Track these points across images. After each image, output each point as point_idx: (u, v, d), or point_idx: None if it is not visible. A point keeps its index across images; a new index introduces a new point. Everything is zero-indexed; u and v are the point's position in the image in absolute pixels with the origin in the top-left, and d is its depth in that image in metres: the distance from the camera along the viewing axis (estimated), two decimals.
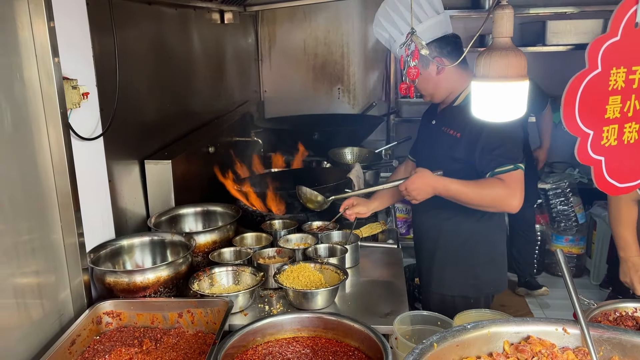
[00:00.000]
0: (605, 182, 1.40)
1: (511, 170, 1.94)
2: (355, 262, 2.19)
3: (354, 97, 4.76)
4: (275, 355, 1.56)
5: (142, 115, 2.38)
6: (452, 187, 1.99)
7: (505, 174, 1.94)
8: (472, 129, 1.99)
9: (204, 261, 2.12)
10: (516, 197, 1.92)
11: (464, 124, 2.02)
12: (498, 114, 1.33)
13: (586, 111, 1.34)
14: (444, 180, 2.00)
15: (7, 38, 1.45)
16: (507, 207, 1.95)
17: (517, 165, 1.94)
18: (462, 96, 2.09)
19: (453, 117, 2.11)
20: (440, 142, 2.15)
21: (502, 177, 1.94)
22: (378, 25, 2.13)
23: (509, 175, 1.93)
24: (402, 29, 2.03)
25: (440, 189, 2.01)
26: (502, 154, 1.95)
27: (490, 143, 1.96)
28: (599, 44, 1.30)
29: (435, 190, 2.01)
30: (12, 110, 1.45)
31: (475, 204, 1.99)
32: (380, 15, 2.11)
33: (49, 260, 1.62)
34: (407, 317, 1.64)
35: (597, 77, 1.32)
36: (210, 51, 3.38)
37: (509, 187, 1.92)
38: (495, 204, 1.97)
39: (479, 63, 1.30)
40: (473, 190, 1.96)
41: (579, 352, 1.31)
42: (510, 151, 1.95)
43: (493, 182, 1.95)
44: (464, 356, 1.30)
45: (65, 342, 1.53)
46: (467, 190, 1.97)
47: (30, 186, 1.55)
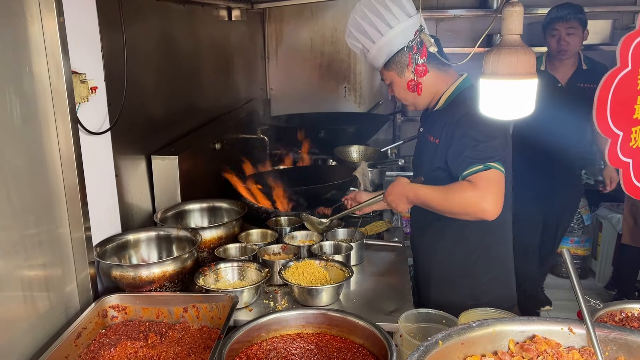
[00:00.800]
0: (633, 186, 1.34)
1: (481, 171, 1.75)
2: (360, 260, 2.19)
3: (360, 95, 4.76)
4: (279, 350, 1.56)
5: (149, 110, 2.39)
6: (421, 193, 1.89)
7: (474, 175, 1.76)
8: (447, 132, 1.88)
9: (209, 257, 2.12)
10: (487, 199, 1.73)
11: (442, 129, 1.91)
12: (506, 112, 1.33)
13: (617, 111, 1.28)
14: (414, 188, 1.92)
15: (17, 32, 1.46)
16: (479, 212, 1.75)
17: (488, 165, 1.75)
18: (442, 100, 1.97)
19: (434, 122, 1.99)
20: (424, 150, 2.05)
21: (471, 179, 1.77)
22: (350, 36, 2.02)
23: (479, 176, 1.75)
24: (373, 37, 1.92)
25: (411, 196, 1.93)
26: (472, 154, 1.78)
27: (461, 145, 1.82)
28: (630, 41, 1.25)
29: (408, 198, 1.93)
30: (21, 104, 1.46)
31: (446, 211, 1.85)
32: (351, 26, 2.00)
33: (56, 253, 1.63)
34: (412, 314, 1.64)
35: (627, 75, 1.27)
36: (218, 48, 3.38)
37: (479, 189, 1.74)
38: (467, 210, 1.78)
39: (488, 60, 1.30)
40: (441, 195, 1.83)
41: (585, 352, 1.30)
42: (482, 151, 1.78)
43: (461, 185, 1.79)
44: (468, 354, 1.30)
45: (71, 335, 1.54)
46: (435, 196, 1.85)
47: (38, 180, 1.55)
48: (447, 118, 1.90)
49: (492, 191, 1.74)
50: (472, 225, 1.92)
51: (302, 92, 4.74)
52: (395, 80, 1.97)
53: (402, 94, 2.00)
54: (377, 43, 1.89)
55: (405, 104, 2.07)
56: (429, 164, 1.98)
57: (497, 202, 1.75)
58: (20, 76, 1.46)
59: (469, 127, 1.79)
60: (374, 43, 1.92)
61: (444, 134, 1.90)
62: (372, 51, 1.94)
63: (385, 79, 2.01)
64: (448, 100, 1.94)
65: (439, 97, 1.98)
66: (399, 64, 1.91)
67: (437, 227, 2.04)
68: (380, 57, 1.93)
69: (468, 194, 1.76)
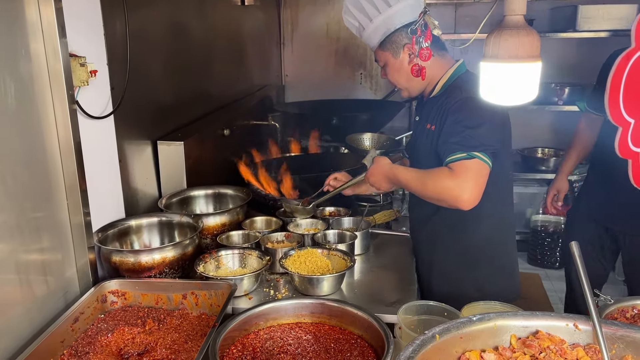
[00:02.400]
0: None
1: (463, 159, 1.71)
2: (365, 249, 2.15)
3: (376, 82, 4.69)
4: (276, 340, 1.53)
5: (157, 95, 2.37)
6: (400, 175, 1.89)
7: (455, 162, 1.73)
8: (442, 118, 1.83)
9: (212, 243, 2.11)
10: (465, 189, 1.69)
11: (437, 116, 1.86)
12: (507, 98, 1.26)
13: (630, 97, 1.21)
14: (395, 169, 1.92)
15: (12, 14, 1.44)
16: (455, 200, 1.72)
17: (471, 154, 1.71)
18: (439, 85, 1.91)
19: (430, 109, 1.93)
20: (421, 138, 1.97)
21: (451, 166, 1.74)
22: (347, 12, 1.98)
23: (460, 165, 1.71)
24: (370, 15, 1.87)
25: (391, 177, 1.93)
26: (458, 141, 1.74)
27: (450, 130, 1.78)
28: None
29: (389, 179, 1.95)
30: (16, 87, 1.44)
31: (423, 195, 1.84)
32: (349, 2, 1.96)
33: (55, 238, 1.63)
34: (412, 306, 1.60)
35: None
36: (230, 33, 3.35)
37: (457, 178, 1.70)
38: (442, 196, 1.76)
39: (488, 42, 1.23)
40: (419, 179, 1.81)
41: (590, 350, 1.25)
42: (468, 138, 1.73)
43: (440, 171, 1.76)
44: (467, 349, 1.26)
45: (68, 320, 1.53)
46: (413, 180, 1.84)
47: (35, 164, 1.54)
48: (443, 104, 1.85)
49: (471, 181, 1.70)
50: (472, 217, 1.88)
51: (318, 78, 4.69)
52: (390, 61, 1.91)
53: (395, 77, 1.95)
54: (374, 21, 1.84)
55: (400, 89, 2.02)
56: (426, 152, 1.92)
57: (474, 192, 1.71)
58: (15, 59, 1.44)
59: (460, 112, 1.74)
60: (371, 21, 1.87)
61: (438, 121, 1.86)
62: (368, 29, 1.90)
63: (380, 60, 1.96)
64: (444, 86, 1.88)
65: (435, 83, 1.92)
66: (395, 44, 1.86)
67: (437, 220, 2.00)
68: (375, 36, 1.88)
69: (446, 181, 1.74)
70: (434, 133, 1.87)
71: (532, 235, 4.52)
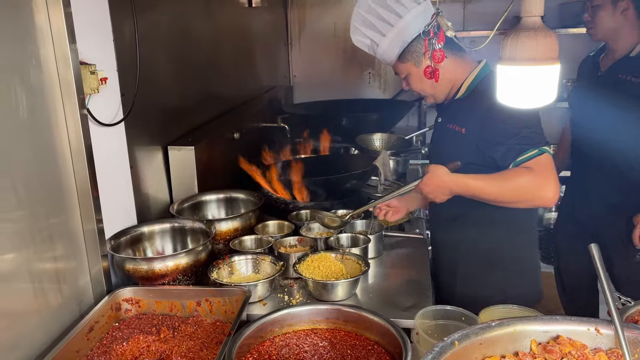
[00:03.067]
0: None
1: (537, 156, 1.67)
2: (378, 253, 2.13)
3: (385, 81, 4.66)
4: (292, 347, 1.52)
5: (166, 100, 2.37)
6: (472, 184, 1.74)
7: (531, 160, 1.68)
8: (477, 120, 1.78)
9: (225, 249, 2.10)
10: (550, 186, 1.65)
11: (467, 118, 1.82)
12: (526, 101, 1.24)
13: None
14: (461, 178, 1.76)
15: (22, 23, 1.43)
16: (540, 199, 1.68)
17: (542, 149, 1.68)
18: (464, 87, 1.88)
19: (457, 111, 1.90)
20: (446, 140, 1.94)
21: (528, 165, 1.68)
22: (355, 32, 1.92)
23: (536, 162, 1.67)
24: (383, 31, 1.82)
25: (457, 188, 1.77)
26: (521, 140, 1.70)
27: (501, 133, 1.73)
28: None
29: (452, 190, 1.78)
30: (27, 96, 1.44)
31: (503, 201, 1.74)
32: (356, 21, 1.90)
33: (67, 246, 1.62)
34: (429, 311, 1.58)
35: None
36: (237, 35, 3.33)
37: (540, 176, 1.65)
38: (526, 198, 1.69)
39: (505, 44, 1.21)
40: (497, 184, 1.71)
41: (612, 355, 1.23)
42: (530, 135, 1.70)
43: (519, 171, 1.69)
44: (487, 355, 1.24)
45: (83, 329, 1.53)
46: (490, 186, 1.72)
47: (47, 172, 1.54)
48: (472, 106, 1.82)
49: (551, 176, 1.67)
50: (499, 218, 1.87)
51: (326, 78, 4.66)
52: (413, 71, 1.86)
53: (420, 85, 1.89)
54: (388, 35, 1.78)
55: (423, 96, 1.96)
56: (453, 153, 1.88)
57: (556, 187, 1.67)
58: (26, 68, 1.44)
59: (504, 114, 1.67)
60: (384, 36, 1.81)
61: (471, 123, 1.82)
62: (382, 45, 1.84)
63: (401, 72, 1.90)
64: (470, 87, 1.84)
65: (459, 85, 1.88)
66: (415, 53, 1.82)
67: (464, 221, 1.96)
68: (393, 50, 1.82)
69: (528, 181, 1.67)
70: (464, 136, 1.83)
71: (545, 233, 4.48)
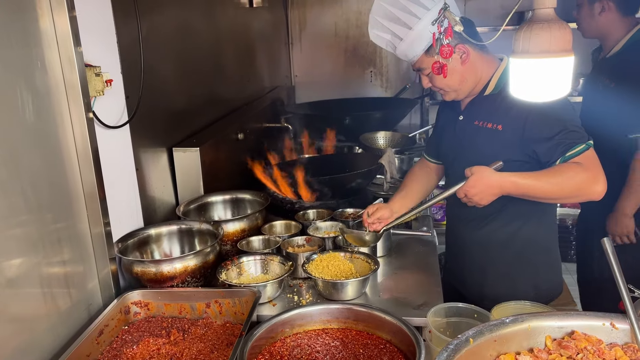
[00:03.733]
0: None
1: (584, 151, 1.66)
2: (387, 251, 2.12)
3: (386, 80, 4.65)
4: (303, 347, 1.51)
5: (170, 102, 2.36)
6: (522, 182, 1.68)
7: (579, 156, 1.66)
8: (517, 116, 1.74)
9: (233, 250, 2.09)
10: (600, 180, 1.64)
11: (503, 114, 1.78)
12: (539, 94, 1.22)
13: None
14: (510, 177, 1.69)
15: (27, 27, 1.43)
16: (591, 193, 1.65)
17: (588, 144, 1.67)
18: (492, 83, 1.84)
19: (488, 108, 1.85)
20: (476, 139, 1.87)
21: (577, 161, 1.66)
22: (376, 26, 1.83)
23: (585, 157, 1.65)
24: (409, 24, 1.75)
25: (508, 187, 1.70)
26: (568, 135, 1.68)
27: (548, 127, 1.70)
28: None
29: (502, 190, 1.71)
30: (33, 100, 1.43)
31: (554, 197, 1.72)
32: (377, 14, 1.82)
33: (76, 250, 1.61)
34: (441, 309, 1.57)
35: None
36: (239, 36, 3.33)
37: (590, 170, 1.63)
38: (578, 192, 1.66)
39: (518, 37, 1.19)
40: (549, 181, 1.67)
41: (628, 349, 1.22)
42: (574, 130, 1.68)
43: (570, 167, 1.65)
44: (502, 352, 1.23)
45: (93, 333, 1.52)
46: (542, 183, 1.67)
47: (54, 175, 1.53)
48: (507, 102, 1.76)
49: (600, 171, 1.65)
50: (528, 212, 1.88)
51: (328, 78, 4.66)
52: None
53: (447, 80, 1.82)
54: (415, 29, 1.72)
55: (445, 92, 1.89)
56: (488, 151, 1.82)
57: (605, 182, 1.66)
58: (31, 71, 1.43)
59: (548, 109, 1.65)
60: (411, 29, 1.74)
61: (509, 120, 1.77)
62: (407, 39, 1.77)
63: (426, 67, 1.83)
64: (500, 83, 1.82)
65: (486, 81, 1.85)
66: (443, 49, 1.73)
67: (497, 220, 1.93)
68: (420, 44, 1.76)
69: (581, 176, 1.64)
70: (501, 133, 1.79)
71: None
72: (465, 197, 1.75)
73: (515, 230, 1.91)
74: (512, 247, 1.93)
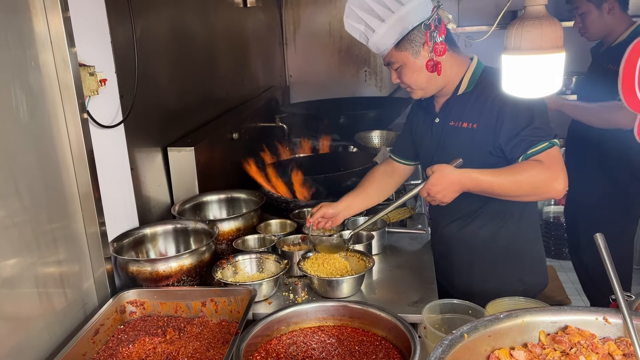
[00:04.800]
0: None
1: (547, 149, 1.66)
2: (382, 249, 2.13)
3: (381, 79, 4.66)
4: (299, 344, 1.52)
5: (164, 102, 2.36)
6: (483, 179, 1.69)
7: (541, 153, 1.66)
8: (490, 114, 1.75)
9: (228, 249, 2.09)
10: (560, 178, 1.64)
11: (478, 113, 1.79)
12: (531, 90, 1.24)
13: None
14: (470, 173, 1.70)
15: (21, 27, 1.42)
16: (550, 192, 1.67)
17: (552, 142, 1.67)
18: (465, 82, 1.83)
19: (462, 107, 1.85)
20: (453, 140, 1.87)
21: (538, 158, 1.66)
22: (350, 16, 1.84)
23: (547, 155, 1.66)
24: (382, 16, 1.76)
25: (468, 184, 1.71)
26: (532, 132, 1.68)
27: (514, 124, 1.70)
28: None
29: (462, 186, 1.71)
30: (27, 99, 1.43)
31: (513, 194, 1.71)
32: (353, 4, 1.83)
33: (71, 250, 1.61)
34: (436, 305, 1.58)
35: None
36: (233, 36, 3.33)
37: (550, 168, 1.64)
38: (537, 191, 1.67)
39: (510, 34, 1.20)
40: (508, 178, 1.68)
41: (621, 343, 1.23)
42: (540, 127, 1.68)
43: (530, 164, 1.66)
44: (496, 347, 1.24)
45: (89, 332, 1.52)
46: (501, 180, 1.68)
47: (49, 175, 1.53)
48: (481, 101, 1.78)
49: (562, 169, 1.66)
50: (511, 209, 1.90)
51: (322, 77, 4.67)
52: (409, 61, 1.79)
53: (414, 78, 1.82)
54: (388, 21, 1.73)
55: (412, 90, 1.88)
56: (466, 151, 1.81)
57: (565, 179, 1.66)
58: (25, 71, 1.43)
59: (515, 105, 1.67)
60: (384, 21, 1.75)
61: (483, 118, 1.78)
62: (379, 31, 1.77)
63: (395, 61, 1.83)
64: (471, 83, 1.82)
65: (458, 81, 1.84)
66: (414, 42, 1.76)
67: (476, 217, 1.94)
68: (390, 37, 1.76)
69: (541, 174, 1.65)
70: (475, 131, 1.79)
71: (544, 226, 4.49)
72: (428, 196, 1.75)
73: (499, 227, 1.93)
74: (497, 244, 1.95)
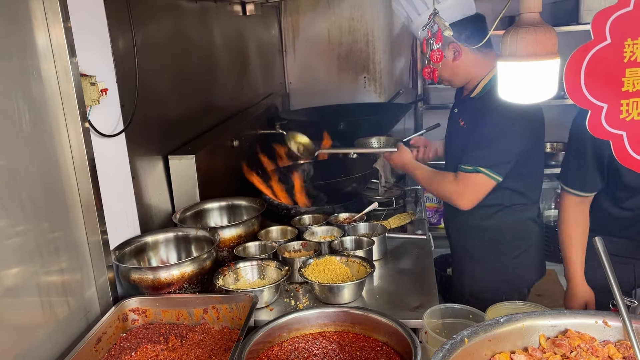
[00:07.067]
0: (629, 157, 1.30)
1: (469, 172, 1.94)
2: (383, 254, 2.14)
3: (380, 85, 4.68)
4: (301, 351, 1.52)
5: (165, 110, 2.37)
6: (416, 173, 2.20)
7: (464, 173, 1.96)
8: (478, 121, 1.94)
9: (229, 256, 2.10)
10: (465, 197, 1.98)
11: (473, 118, 1.97)
12: (526, 96, 1.25)
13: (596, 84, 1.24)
14: (412, 164, 2.22)
15: (23, 38, 1.44)
16: (456, 203, 2.02)
17: (477, 169, 1.93)
18: (480, 86, 1.99)
19: (467, 108, 2.04)
20: (456, 132, 2.14)
21: (458, 174, 1.98)
22: (396, 1, 2.05)
23: (465, 176, 1.96)
24: (419, 9, 1.92)
25: (409, 172, 2.27)
26: (476, 154, 1.94)
27: (474, 140, 1.95)
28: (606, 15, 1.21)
29: (406, 171, 2.30)
30: (30, 110, 1.44)
31: (429, 192, 2.17)
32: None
33: (73, 258, 1.62)
34: (437, 310, 1.58)
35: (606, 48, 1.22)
36: (233, 44, 3.35)
37: (459, 186, 1.97)
38: (444, 199, 2.09)
39: (505, 41, 1.22)
40: (428, 179, 2.11)
41: (621, 346, 1.24)
42: (483, 154, 1.91)
43: (447, 176, 2.03)
44: (497, 351, 1.25)
45: (91, 340, 1.52)
46: (423, 179, 2.14)
47: (51, 185, 1.54)
48: (480, 108, 1.94)
49: (471, 192, 1.96)
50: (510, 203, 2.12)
51: (322, 84, 4.68)
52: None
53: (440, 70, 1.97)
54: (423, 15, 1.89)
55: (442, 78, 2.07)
56: (457, 146, 2.09)
57: (471, 201, 1.99)
58: (27, 81, 1.44)
59: (490, 122, 1.85)
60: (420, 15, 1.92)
61: (473, 123, 1.96)
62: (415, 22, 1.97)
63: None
64: (485, 88, 1.93)
65: (476, 83, 1.99)
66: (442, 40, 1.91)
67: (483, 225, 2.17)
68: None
69: (449, 187, 2.02)
70: (465, 131, 2.00)
71: (545, 230, 4.48)
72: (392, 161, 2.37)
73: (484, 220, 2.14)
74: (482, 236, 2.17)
